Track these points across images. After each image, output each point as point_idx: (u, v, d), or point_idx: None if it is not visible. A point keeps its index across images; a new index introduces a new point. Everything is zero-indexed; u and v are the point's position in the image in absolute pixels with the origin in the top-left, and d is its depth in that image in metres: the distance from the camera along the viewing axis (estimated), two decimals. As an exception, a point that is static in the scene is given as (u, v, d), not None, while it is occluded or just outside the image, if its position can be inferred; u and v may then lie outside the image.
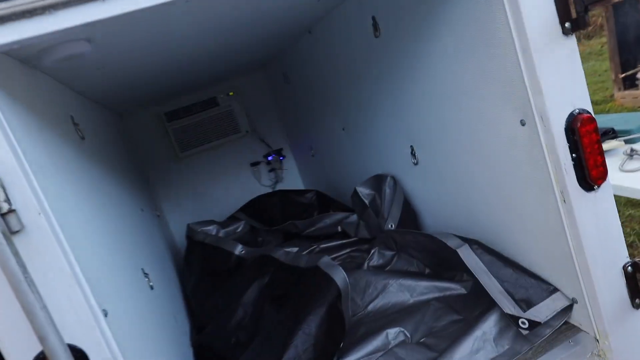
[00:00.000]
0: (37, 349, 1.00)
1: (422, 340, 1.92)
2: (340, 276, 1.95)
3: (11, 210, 1.03)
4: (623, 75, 6.91)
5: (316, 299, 1.89)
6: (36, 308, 0.97)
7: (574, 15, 1.37)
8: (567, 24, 1.38)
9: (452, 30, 1.72)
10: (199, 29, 1.87)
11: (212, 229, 3.48)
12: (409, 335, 1.94)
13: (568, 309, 1.71)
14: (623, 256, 1.55)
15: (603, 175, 1.47)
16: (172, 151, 4.29)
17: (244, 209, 3.99)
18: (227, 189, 4.40)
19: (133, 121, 4.06)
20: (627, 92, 7.03)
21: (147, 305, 1.83)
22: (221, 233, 3.45)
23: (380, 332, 1.96)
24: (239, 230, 3.54)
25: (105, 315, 1.16)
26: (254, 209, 3.96)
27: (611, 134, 2.81)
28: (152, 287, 2.03)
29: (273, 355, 1.75)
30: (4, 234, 0.98)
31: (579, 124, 1.42)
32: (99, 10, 1.10)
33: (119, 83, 2.50)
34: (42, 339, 0.96)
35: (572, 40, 1.41)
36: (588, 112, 1.44)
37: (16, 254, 0.98)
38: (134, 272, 1.84)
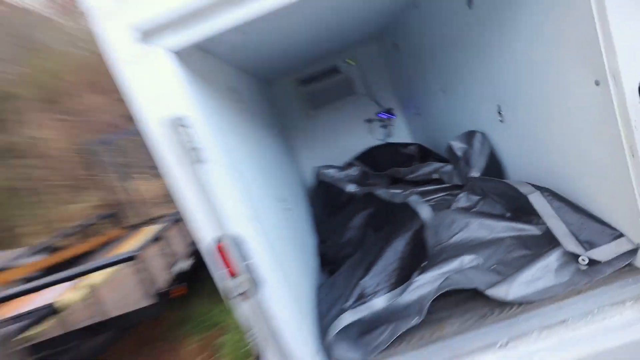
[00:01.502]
0: (219, 233, 1.42)
1: (492, 267, 2.00)
2: (424, 210, 2.11)
3: (198, 148, 1.43)
4: None
5: (404, 227, 2.09)
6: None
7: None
8: (648, -12, 1.26)
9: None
10: (320, 16, 2.07)
11: (332, 171, 3.82)
12: (481, 262, 2.04)
13: (632, 252, 1.64)
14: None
15: (674, 132, 1.35)
16: (303, 111, 4.69)
17: (359, 157, 4.25)
18: (346, 141, 4.69)
19: (276, 87, 4.52)
20: None
21: (286, 221, 2.23)
22: (340, 175, 3.78)
23: (457, 257, 2.08)
24: (353, 173, 3.82)
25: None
26: (366, 157, 4.20)
27: None
28: (289, 209, 2.44)
29: (369, 262, 2.03)
30: (197, 160, 1.38)
31: (652, 84, 1.32)
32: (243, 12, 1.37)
33: (265, 58, 2.86)
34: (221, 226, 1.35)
35: (653, 3, 1.28)
36: (663, 73, 1.32)
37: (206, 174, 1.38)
38: (278, 196, 2.24)
